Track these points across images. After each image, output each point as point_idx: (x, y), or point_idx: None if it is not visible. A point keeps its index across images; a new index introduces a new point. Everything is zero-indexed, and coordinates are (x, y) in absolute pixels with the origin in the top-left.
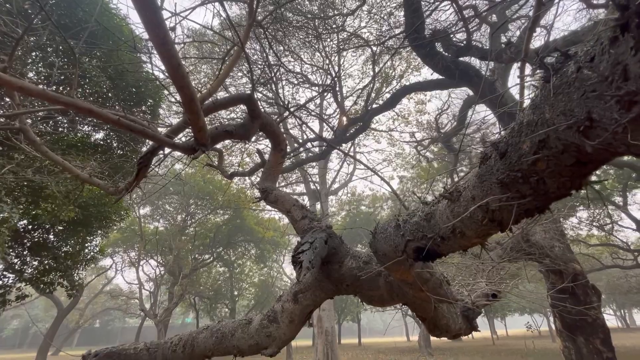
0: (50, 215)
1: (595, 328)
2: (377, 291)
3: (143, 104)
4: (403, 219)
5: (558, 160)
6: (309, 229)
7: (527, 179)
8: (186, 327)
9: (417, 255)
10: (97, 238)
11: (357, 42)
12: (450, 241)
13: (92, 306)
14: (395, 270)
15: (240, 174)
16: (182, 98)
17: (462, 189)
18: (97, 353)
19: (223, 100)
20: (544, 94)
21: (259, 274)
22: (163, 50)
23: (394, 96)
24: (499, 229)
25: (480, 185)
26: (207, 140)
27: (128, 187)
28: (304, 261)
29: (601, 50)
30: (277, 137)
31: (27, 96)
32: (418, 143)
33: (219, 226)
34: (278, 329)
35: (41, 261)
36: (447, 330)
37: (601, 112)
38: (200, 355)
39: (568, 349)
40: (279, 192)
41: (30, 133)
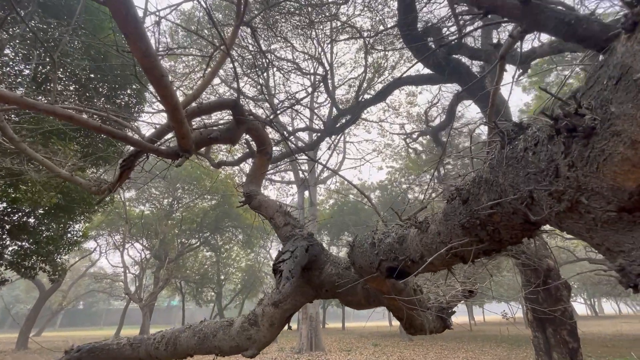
0: (30, 201)
1: (563, 320)
2: (355, 297)
3: (128, 88)
4: (378, 237)
5: (509, 218)
6: (291, 236)
7: (484, 226)
8: (172, 309)
9: (389, 273)
10: (79, 223)
11: (350, 31)
12: (418, 265)
13: (76, 288)
14: (371, 280)
15: (228, 164)
16: (165, 107)
17: (430, 222)
18: (79, 348)
19: (208, 106)
20: (499, 158)
21: (245, 259)
22: (146, 62)
23: (386, 89)
24: (462, 262)
25: (445, 223)
26: (190, 146)
27: (111, 187)
28: (284, 270)
29: (542, 140)
30: (262, 141)
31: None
32: (407, 135)
33: (206, 211)
34: (258, 331)
35: (21, 245)
36: (421, 329)
37: (539, 195)
38: (183, 353)
39: (537, 338)
40: (262, 197)
41: (8, 130)
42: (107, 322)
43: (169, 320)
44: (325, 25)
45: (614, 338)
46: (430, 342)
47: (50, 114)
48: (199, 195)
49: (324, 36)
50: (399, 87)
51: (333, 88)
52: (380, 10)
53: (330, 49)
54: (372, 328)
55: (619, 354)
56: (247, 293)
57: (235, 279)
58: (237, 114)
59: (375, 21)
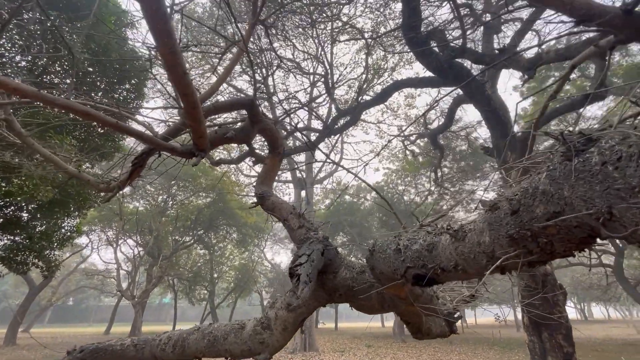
0: (26, 195)
1: (558, 324)
2: (369, 302)
3: (127, 82)
4: (404, 243)
5: (569, 231)
6: (306, 239)
7: (535, 238)
8: (163, 307)
9: (415, 280)
10: (75, 219)
11: (351, 31)
12: (450, 273)
13: (66, 284)
14: (390, 286)
15: (227, 162)
16: (185, 105)
17: (467, 231)
18: (82, 348)
19: (224, 104)
20: (564, 171)
21: (239, 258)
22: (170, 59)
23: (385, 91)
24: (501, 273)
25: (488, 233)
26: (207, 145)
27: (120, 185)
28: (301, 275)
29: (629, 155)
30: (275, 141)
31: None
32: (405, 137)
33: (200, 209)
34: (271, 335)
35: (14, 240)
36: (428, 333)
37: (623, 211)
38: (191, 355)
39: (533, 342)
40: (276, 198)
41: (16, 124)
42: (96, 319)
43: (160, 318)
44: (327, 25)
45: (603, 342)
46: (423, 344)
47: (68, 109)
48: (194, 192)
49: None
50: (399, 89)
51: (333, 88)
52: (381, 12)
53: (330, 49)
54: (364, 329)
55: (609, 359)
56: (240, 292)
57: (229, 277)
58: (252, 114)
59: (377, 22)
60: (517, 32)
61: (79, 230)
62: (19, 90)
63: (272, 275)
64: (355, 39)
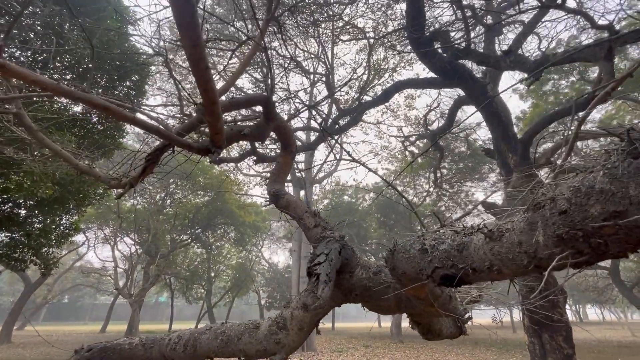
0: (26, 191)
1: (559, 326)
2: (385, 302)
3: (127, 80)
4: (430, 243)
5: (629, 232)
6: (322, 238)
7: (588, 238)
8: (159, 306)
9: (442, 281)
10: (74, 216)
11: (353, 31)
12: (482, 274)
13: (61, 282)
14: (411, 287)
15: (228, 160)
16: (205, 101)
17: (504, 230)
18: (90, 347)
19: (240, 100)
20: (628, 169)
21: (237, 257)
22: (194, 53)
23: (387, 91)
24: (539, 273)
25: (530, 233)
26: (223, 142)
27: (133, 182)
28: (321, 274)
29: None
30: (288, 139)
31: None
32: (405, 138)
33: (198, 207)
34: (287, 335)
35: (12, 237)
36: (439, 334)
37: None
38: (203, 355)
39: (533, 344)
40: (290, 197)
41: (26, 118)
42: (92, 317)
43: (156, 317)
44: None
45: (599, 344)
46: (420, 345)
47: (86, 102)
48: (192, 190)
49: (327, 35)
50: (402, 90)
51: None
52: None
53: (331, 48)
54: (362, 329)
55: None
56: (237, 291)
57: (226, 276)
58: (267, 111)
59: (378, 23)
60: (519, 35)
61: (77, 227)
62: (39, 82)
63: (269, 275)
64: (357, 39)
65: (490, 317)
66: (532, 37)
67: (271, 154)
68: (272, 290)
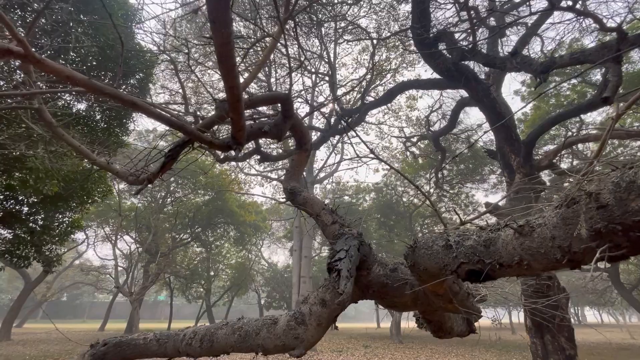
0: (31, 188)
1: (561, 327)
2: (402, 299)
3: (131, 78)
4: (454, 239)
5: None
6: (340, 234)
7: (627, 232)
8: (158, 305)
9: (467, 276)
10: (76, 213)
11: (356, 31)
12: (509, 269)
13: (60, 279)
14: (432, 283)
15: (234, 159)
16: (230, 98)
17: (535, 226)
18: (105, 342)
19: (260, 98)
20: None
21: (236, 256)
22: (223, 50)
23: (391, 91)
24: (571, 268)
25: (564, 228)
26: (244, 139)
27: (151, 178)
28: (342, 270)
29: None
30: (304, 137)
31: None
32: (407, 139)
33: (199, 206)
34: (306, 331)
35: (16, 234)
36: (450, 332)
37: None
38: (220, 351)
39: (535, 344)
40: (307, 194)
41: (47, 114)
42: (90, 315)
43: (155, 316)
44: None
45: (598, 346)
46: (420, 346)
47: (114, 98)
48: (193, 189)
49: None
50: (405, 90)
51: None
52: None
53: (334, 48)
54: (361, 329)
55: None
56: (236, 291)
57: (225, 275)
58: (286, 108)
59: (380, 23)
60: (522, 37)
61: (80, 225)
62: (72, 78)
63: (268, 275)
64: (360, 40)
65: (489, 318)
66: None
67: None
68: (271, 290)
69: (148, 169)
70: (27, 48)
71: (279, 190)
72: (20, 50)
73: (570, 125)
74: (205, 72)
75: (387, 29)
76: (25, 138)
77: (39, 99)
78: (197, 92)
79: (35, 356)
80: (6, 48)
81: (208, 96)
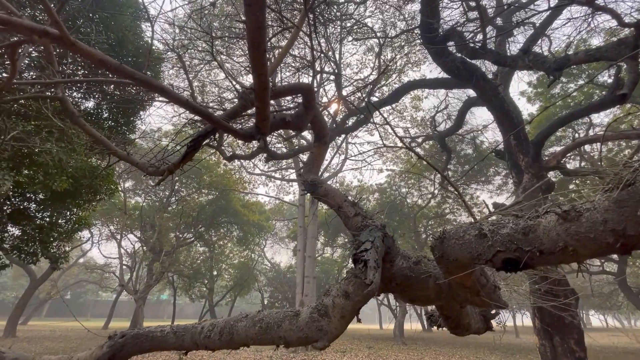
0: (40, 184)
1: (571, 329)
2: (425, 292)
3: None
4: (489, 228)
5: None
6: (364, 226)
7: None
8: (161, 304)
9: (503, 265)
10: (84, 210)
11: (362, 30)
12: (551, 256)
13: (64, 278)
14: (460, 275)
15: (241, 157)
16: (257, 85)
17: (583, 210)
18: (123, 334)
19: (282, 88)
20: None
21: (239, 256)
22: (256, 35)
23: (398, 90)
24: (621, 253)
25: (619, 211)
26: (268, 129)
27: (172, 168)
28: (369, 260)
29: None
30: (322, 130)
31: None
32: (412, 139)
33: (203, 206)
34: (330, 323)
35: (24, 230)
36: (467, 329)
37: None
38: (240, 343)
39: (544, 346)
40: (328, 186)
41: (69, 104)
42: (94, 314)
43: (157, 314)
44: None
45: (604, 350)
46: (424, 347)
47: (144, 84)
48: (197, 189)
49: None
50: (412, 90)
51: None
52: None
53: (339, 47)
54: (363, 330)
55: None
56: (239, 290)
57: (228, 275)
58: (308, 100)
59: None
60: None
61: (88, 222)
62: (104, 62)
63: (271, 275)
64: (368, 38)
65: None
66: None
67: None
68: (274, 290)
69: (168, 160)
70: (63, 30)
71: (282, 190)
72: (56, 32)
73: (577, 127)
74: (210, 72)
75: (393, 29)
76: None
77: (62, 89)
78: (204, 91)
79: (41, 353)
80: (43, 29)
81: (215, 96)
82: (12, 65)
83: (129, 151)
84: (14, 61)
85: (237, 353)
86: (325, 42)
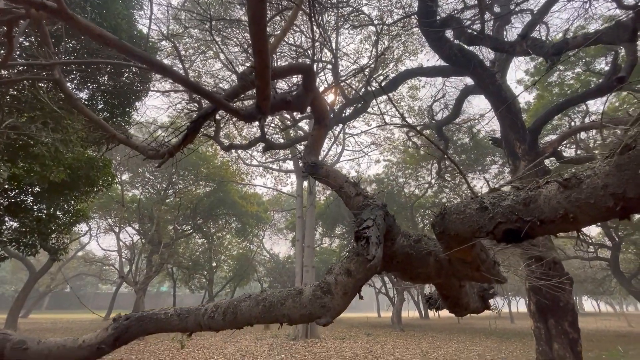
0: (37, 175)
1: (565, 311)
2: (425, 269)
3: (134, 66)
4: (490, 201)
5: None
6: (365, 205)
7: None
8: (161, 295)
9: (504, 236)
10: (81, 202)
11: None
12: (552, 225)
13: (65, 270)
14: (460, 250)
15: (239, 147)
16: (257, 63)
17: (583, 177)
18: (128, 316)
19: (282, 68)
20: None
21: (238, 247)
22: (257, 9)
23: (396, 79)
24: (620, 218)
25: (619, 174)
26: (268, 108)
27: (172, 150)
28: (371, 237)
29: None
30: (323, 112)
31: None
32: (410, 128)
33: (200, 198)
34: (332, 300)
35: (22, 222)
36: (466, 307)
37: None
38: (244, 322)
39: (539, 328)
40: (329, 167)
41: (66, 86)
42: (94, 306)
43: (157, 306)
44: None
45: (597, 333)
46: (421, 333)
47: (144, 60)
48: (194, 181)
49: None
50: (410, 78)
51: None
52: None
53: (336, 36)
54: (362, 318)
55: (605, 349)
56: (238, 281)
57: (227, 266)
58: (308, 80)
59: (384, 11)
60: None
61: (86, 214)
62: (103, 37)
63: (270, 266)
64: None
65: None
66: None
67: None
68: (273, 280)
69: (169, 143)
70: (61, 3)
71: (280, 181)
72: (53, 5)
73: (573, 115)
74: (206, 62)
75: (390, 17)
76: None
77: (59, 70)
78: (199, 82)
79: None
80: (41, 1)
81: (211, 86)
82: (9, 42)
83: (129, 135)
84: (11, 39)
85: (238, 342)
86: (322, 30)
